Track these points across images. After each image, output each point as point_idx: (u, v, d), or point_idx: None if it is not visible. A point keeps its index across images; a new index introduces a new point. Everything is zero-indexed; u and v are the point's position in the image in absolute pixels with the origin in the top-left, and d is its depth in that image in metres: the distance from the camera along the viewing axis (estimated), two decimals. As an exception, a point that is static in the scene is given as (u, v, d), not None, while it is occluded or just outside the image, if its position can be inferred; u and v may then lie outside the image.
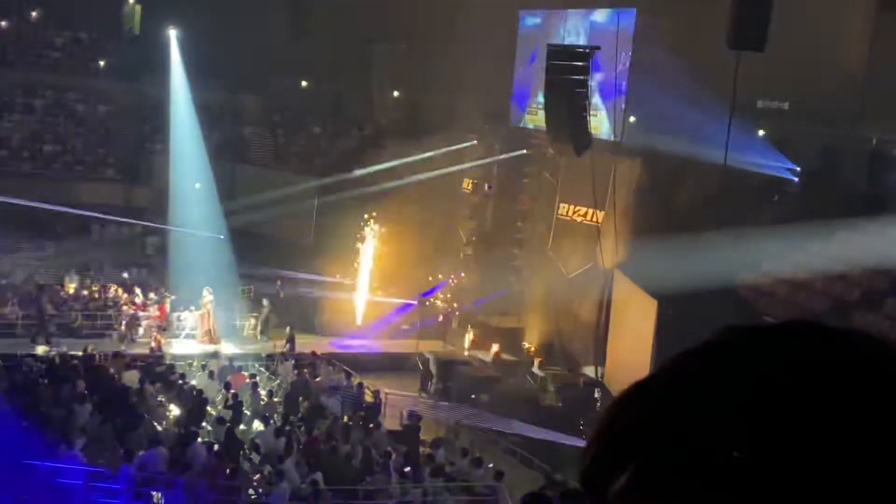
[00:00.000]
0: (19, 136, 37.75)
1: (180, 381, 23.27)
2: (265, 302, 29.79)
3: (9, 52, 39.73)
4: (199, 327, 28.15)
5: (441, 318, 30.98)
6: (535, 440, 22.45)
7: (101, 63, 40.63)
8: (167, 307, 28.72)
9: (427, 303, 31.11)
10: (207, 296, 27.89)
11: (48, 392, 21.08)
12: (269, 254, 32.18)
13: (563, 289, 27.84)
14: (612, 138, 28.40)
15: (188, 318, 28.66)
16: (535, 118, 31.06)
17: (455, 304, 31.15)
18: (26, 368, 22.49)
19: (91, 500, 16.50)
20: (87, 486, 16.62)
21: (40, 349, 25.08)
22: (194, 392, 22.16)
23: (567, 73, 26.24)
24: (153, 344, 26.71)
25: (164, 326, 28.15)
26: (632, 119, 28.24)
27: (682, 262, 21.81)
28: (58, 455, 17.29)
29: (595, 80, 26.60)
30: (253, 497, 17.83)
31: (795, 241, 21.18)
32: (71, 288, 29.86)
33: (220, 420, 20.59)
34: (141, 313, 28.56)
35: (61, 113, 38.85)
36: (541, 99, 29.16)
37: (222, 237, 32.66)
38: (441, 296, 31.67)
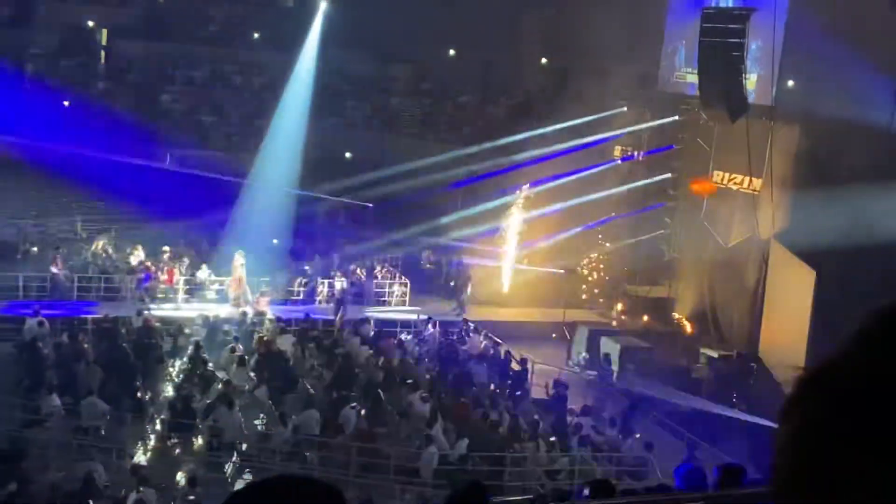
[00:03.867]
0: (179, 108, 39.05)
1: (332, 347, 23.76)
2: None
3: (168, 25, 41.09)
4: (231, 291, 27.36)
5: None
6: (686, 411, 22.08)
7: (256, 35, 41.58)
8: (176, 272, 27.85)
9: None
10: (239, 259, 27.25)
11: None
12: (416, 222, 32.37)
13: (716, 258, 27.17)
14: (768, 103, 27.45)
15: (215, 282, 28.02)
16: (685, 83, 30.27)
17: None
18: (189, 331, 23.42)
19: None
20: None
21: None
22: (345, 357, 22.61)
23: (722, 36, 25.49)
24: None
25: (177, 289, 27.46)
26: (790, 83, 27.20)
27: (843, 233, 20.95)
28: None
29: (751, 43, 25.74)
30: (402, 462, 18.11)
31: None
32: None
33: (369, 385, 20.96)
34: (150, 275, 27.52)
35: (218, 84, 39.98)
36: (694, 63, 28.37)
37: (370, 206, 33.06)
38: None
